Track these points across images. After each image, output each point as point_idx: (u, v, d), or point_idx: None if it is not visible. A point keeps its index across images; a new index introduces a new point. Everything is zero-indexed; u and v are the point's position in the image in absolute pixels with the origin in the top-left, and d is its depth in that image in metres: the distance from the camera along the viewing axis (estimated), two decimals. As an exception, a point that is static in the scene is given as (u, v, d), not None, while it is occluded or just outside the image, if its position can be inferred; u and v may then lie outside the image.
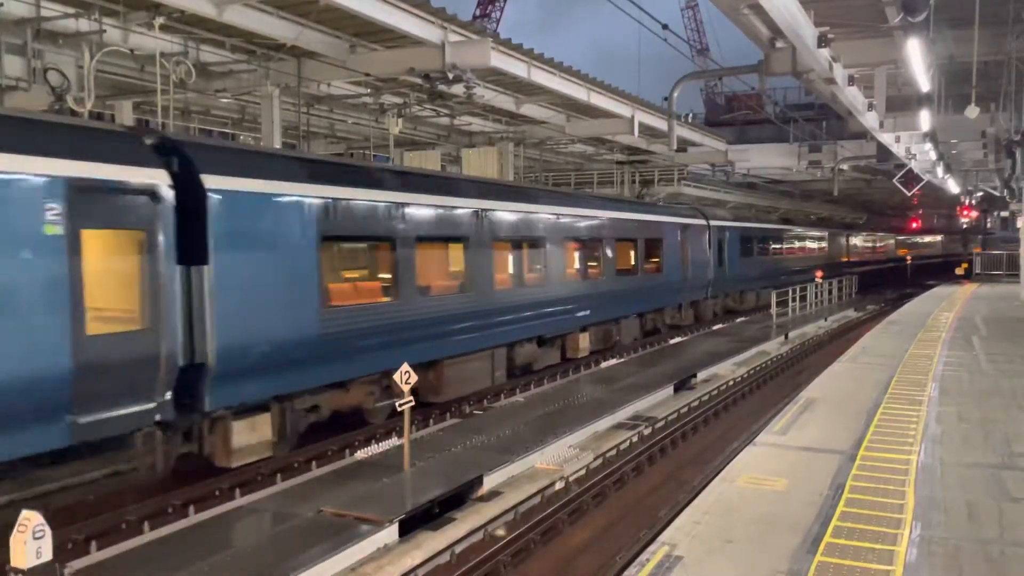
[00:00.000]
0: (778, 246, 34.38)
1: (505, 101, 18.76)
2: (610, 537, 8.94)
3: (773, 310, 27.33)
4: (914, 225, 64.51)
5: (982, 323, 21.26)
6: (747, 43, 13.79)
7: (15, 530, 5.14)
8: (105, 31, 11.44)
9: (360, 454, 10.33)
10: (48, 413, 7.28)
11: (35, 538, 5.12)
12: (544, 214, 16.34)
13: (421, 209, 12.50)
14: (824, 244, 42.20)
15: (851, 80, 14.84)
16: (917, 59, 12.41)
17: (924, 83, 14.29)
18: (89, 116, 11.11)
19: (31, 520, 5.15)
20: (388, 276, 12.03)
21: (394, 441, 10.84)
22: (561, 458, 10.53)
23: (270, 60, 14.29)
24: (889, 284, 49.41)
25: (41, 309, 7.18)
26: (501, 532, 8.63)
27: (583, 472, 10.52)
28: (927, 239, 69.51)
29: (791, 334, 23.64)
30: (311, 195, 10.29)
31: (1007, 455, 8.68)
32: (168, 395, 8.38)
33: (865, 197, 48.58)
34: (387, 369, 11.03)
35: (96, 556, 7.20)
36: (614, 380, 15.51)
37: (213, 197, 8.83)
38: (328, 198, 10.55)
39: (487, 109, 19.73)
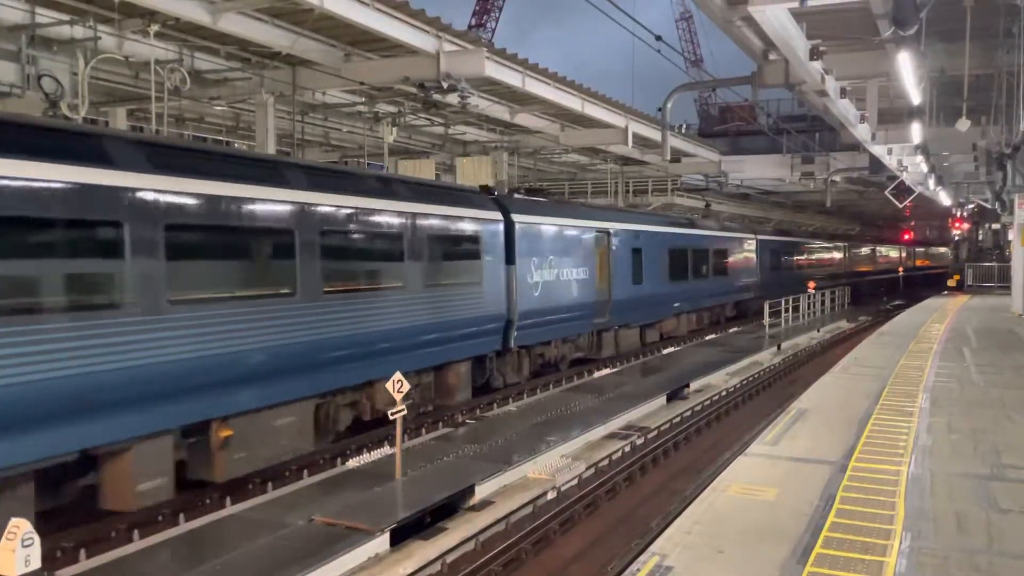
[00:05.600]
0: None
1: (499, 110, 18.83)
2: (601, 547, 8.93)
3: (766, 320, 27.40)
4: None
5: (973, 334, 21.35)
6: (741, 55, 13.91)
7: (3, 538, 5.11)
8: (100, 38, 11.46)
9: (352, 463, 10.31)
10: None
11: (24, 546, 5.09)
12: None
13: None
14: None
15: (843, 92, 14.94)
16: (908, 72, 12.50)
17: (915, 96, 14.39)
18: (83, 123, 11.11)
19: (20, 528, 5.13)
20: None
21: (386, 450, 10.82)
22: (553, 468, 10.52)
23: (265, 68, 14.33)
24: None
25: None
26: (493, 543, 8.62)
27: (575, 482, 10.52)
28: (826, 251, 44.49)
29: (784, 345, 23.71)
30: None
31: (996, 466, 8.71)
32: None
33: (858, 208, 48.89)
34: None
35: (85, 564, 7.16)
36: (607, 390, 15.52)
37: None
38: None
39: (481, 118, 19.80)
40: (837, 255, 45.65)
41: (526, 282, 15.69)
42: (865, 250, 52.62)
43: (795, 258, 37.35)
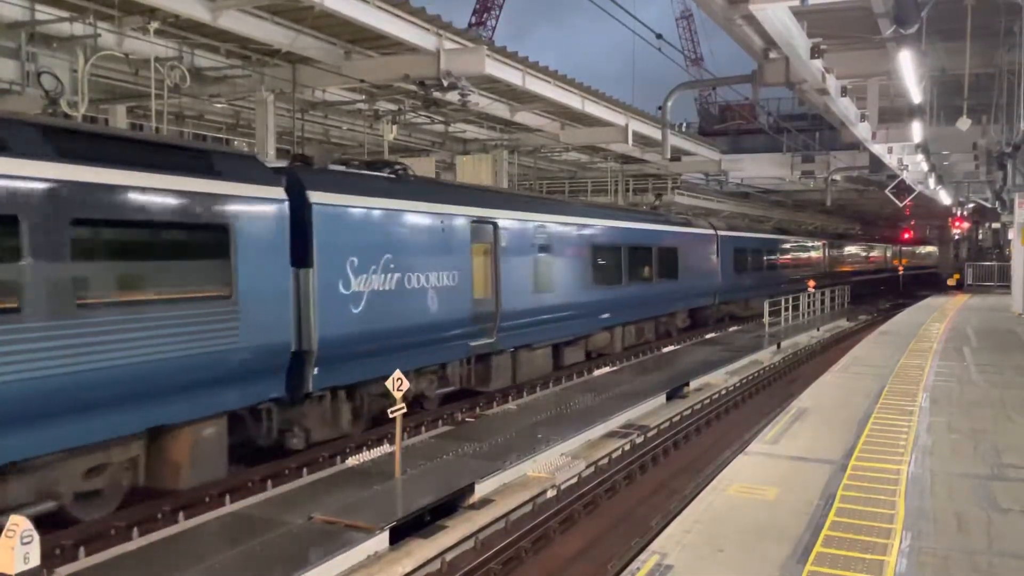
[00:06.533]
0: None
1: (500, 108, 18.82)
2: (601, 546, 8.92)
3: (766, 319, 27.40)
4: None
5: (973, 334, 21.35)
6: (741, 54, 13.88)
7: (2, 535, 5.10)
8: (100, 35, 11.44)
9: (351, 461, 10.30)
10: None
11: (23, 543, 5.08)
12: None
13: None
14: None
15: (844, 91, 14.94)
16: (909, 71, 12.50)
17: (916, 95, 14.39)
18: (83, 120, 11.09)
19: (19, 525, 5.12)
20: None
21: (385, 448, 10.82)
22: (553, 466, 10.51)
23: (265, 66, 14.29)
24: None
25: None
26: (492, 541, 8.61)
27: (575, 480, 10.51)
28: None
29: (783, 343, 23.70)
30: None
31: (996, 466, 8.71)
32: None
33: (858, 208, 48.91)
34: None
35: (84, 562, 7.15)
36: (607, 388, 15.51)
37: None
38: None
39: (482, 116, 19.78)
40: (815, 255, 42.78)
41: (337, 294, 10.67)
42: (847, 250, 49.86)
43: (765, 258, 33.57)
